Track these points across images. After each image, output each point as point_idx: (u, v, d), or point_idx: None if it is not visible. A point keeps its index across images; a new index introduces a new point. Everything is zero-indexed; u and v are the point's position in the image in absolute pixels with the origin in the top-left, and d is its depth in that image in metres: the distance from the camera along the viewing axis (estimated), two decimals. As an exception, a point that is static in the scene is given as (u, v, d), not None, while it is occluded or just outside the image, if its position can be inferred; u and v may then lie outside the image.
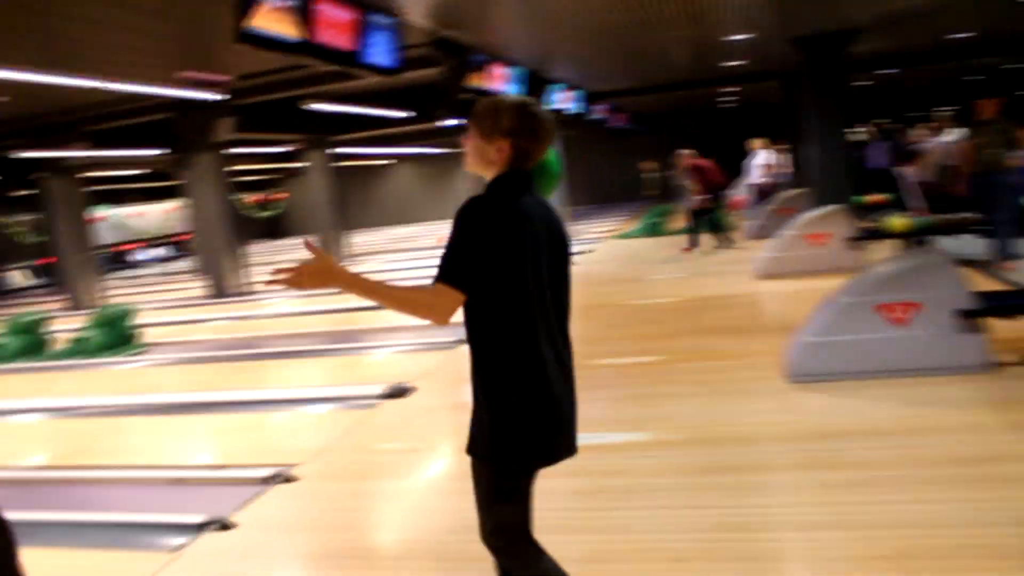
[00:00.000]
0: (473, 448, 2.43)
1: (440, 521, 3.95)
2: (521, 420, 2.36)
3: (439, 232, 25.01)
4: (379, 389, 6.24)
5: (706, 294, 9.37)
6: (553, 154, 2.65)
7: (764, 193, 14.81)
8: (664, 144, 25.20)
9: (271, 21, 5.66)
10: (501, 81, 10.44)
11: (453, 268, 2.29)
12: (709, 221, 12.76)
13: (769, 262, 9.66)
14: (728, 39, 12.31)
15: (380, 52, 7.04)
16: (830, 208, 9.94)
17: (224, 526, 4.04)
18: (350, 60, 6.57)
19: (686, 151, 12.77)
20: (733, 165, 15.88)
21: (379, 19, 6.96)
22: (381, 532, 4.05)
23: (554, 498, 4.00)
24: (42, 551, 4.05)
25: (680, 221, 14.31)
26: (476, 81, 10.04)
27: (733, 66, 15.54)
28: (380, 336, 8.94)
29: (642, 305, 9.21)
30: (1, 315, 11.69)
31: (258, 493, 4.49)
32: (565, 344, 2.48)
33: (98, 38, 8.20)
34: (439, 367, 7.09)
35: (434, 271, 2.31)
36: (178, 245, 27.39)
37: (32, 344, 9.89)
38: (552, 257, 2.40)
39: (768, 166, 14.71)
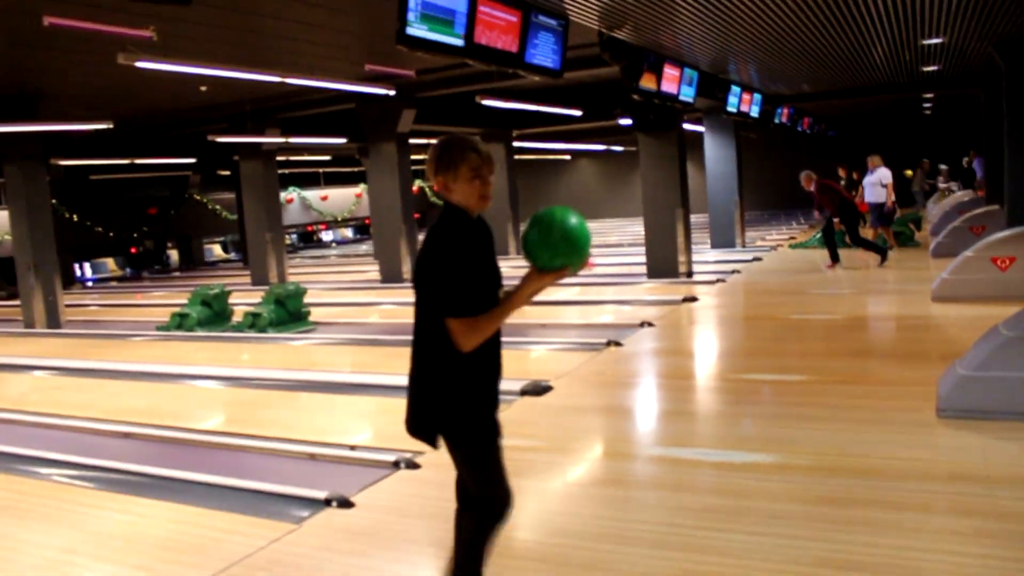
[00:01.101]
0: None
1: (551, 521, 4.00)
2: None
3: (616, 229, 25.00)
4: (518, 385, 6.35)
5: (872, 313, 8.96)
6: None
7: (882, 212, 13.98)
8: (857, 150, 24.16)
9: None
10: (674, 82, 10.30)
11: None
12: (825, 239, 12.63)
13: (948, 284, 9.07)
14: (924, 43, 11.60)
15: (544, 53, 7.14)
16: (1022, 229, 9.23)
17: (345, 504, 4.26)
18: (513, 62, 6.69)
19: (808, 172, 12.49)
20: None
21: (544, 20, 7.04)
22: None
23: (657, 512, 4.01)
24: (184, 507, 4.44)
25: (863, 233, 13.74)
26: (648, 82, 9.96)
27: (929, 71, 14.62)
28: (535, 332, 9.08)
29: (802, 320, 8.89)
30: (195, 286, 12.66)
31: (383, 476, 4.70)
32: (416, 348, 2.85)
33: (285, 34, 8.74)
34: (580, 368, 7.13)
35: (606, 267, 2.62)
36: (367, 228, 28.76)
37: (213, 315, 10.69)
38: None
39: (887, 184, 13.81)
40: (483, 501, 2.90)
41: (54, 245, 12.47)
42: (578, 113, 14.09)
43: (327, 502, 4.27)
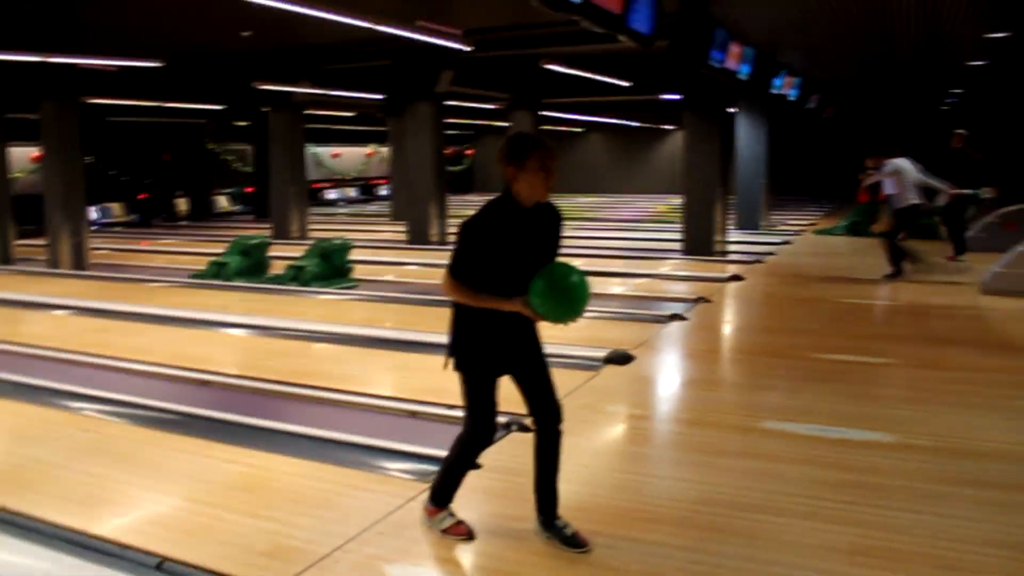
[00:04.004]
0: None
1: (688, 489, 3.95)
2: None
3: (625, 205, 24.89)
4: (601, 353, 6.28)
5: (926, 302, 8.93)
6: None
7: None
8: (880, 141, 24.04)
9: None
10: (736, 59, 10.19)
11: None
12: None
13: (1002, 277, 9.08)
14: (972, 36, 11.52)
15: (642, 18, 6.97)
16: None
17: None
18: (617, 24, 6.53)
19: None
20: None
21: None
22: (600, 489, 4.06)
23: (800, 485, 3.95)
24: (288, 459, 4.34)
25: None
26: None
27: (973, 66, 14.58)
28: (598, 302, 9.01)
29: (857, 304, 8.87)
30: (210, 236, 12.45)
31: (497, 437, 4.60)
32: None
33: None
34: (653, 339, 7.06)
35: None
36: (371, 188, 28.52)
37: (251, 265, 10.51)
38: None
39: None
40: (466, 426, 3.43)
41: (83, 186, 12.25)
42: (627, 84, 13.84)
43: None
